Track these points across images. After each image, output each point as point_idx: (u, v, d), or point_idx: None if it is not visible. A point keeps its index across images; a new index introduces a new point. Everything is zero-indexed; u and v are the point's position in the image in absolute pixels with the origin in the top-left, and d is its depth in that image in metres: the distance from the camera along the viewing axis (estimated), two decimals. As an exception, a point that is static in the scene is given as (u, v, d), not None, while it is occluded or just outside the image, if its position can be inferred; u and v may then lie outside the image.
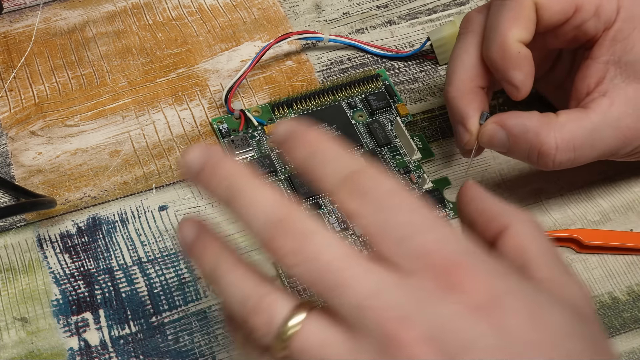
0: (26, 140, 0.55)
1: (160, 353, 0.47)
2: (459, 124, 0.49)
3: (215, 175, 0.35)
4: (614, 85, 0.47)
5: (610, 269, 0.51)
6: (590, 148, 0.47)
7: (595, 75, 0.48)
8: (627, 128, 0.47)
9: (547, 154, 0.47)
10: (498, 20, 0.46)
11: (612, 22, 0.47)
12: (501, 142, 0.48)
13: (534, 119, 0.47)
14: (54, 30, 0.61)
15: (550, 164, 0.47)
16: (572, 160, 0.47)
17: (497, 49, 0.46)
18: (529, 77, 0.47)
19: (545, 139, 0.46)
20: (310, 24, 0.62)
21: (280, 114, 0.57)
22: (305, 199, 0.52)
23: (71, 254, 0.50)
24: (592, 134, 0.47)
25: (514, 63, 0.46)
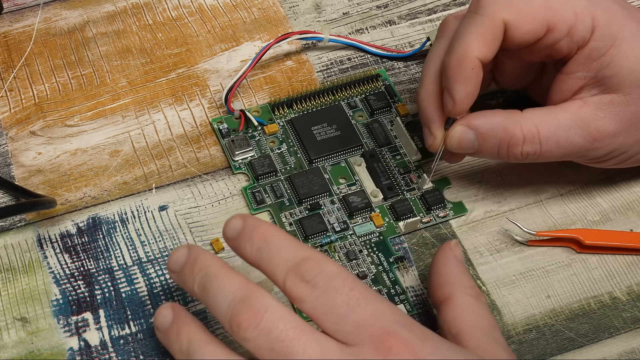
0: (26, 140, 0.55)
1: (160, 353, 0.47)
2: (425, 126, 0.50)
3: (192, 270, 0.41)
4: (591, 94, 0.48)
5: (610, 269, 0.51)
6: (556, 144, 0.48)
7: (571, 89, 0.48)
8: (597, 131, 0.48)
9: (516, 145, 0.48)
10: (465, 32, 0.47)
11: (586, 41, 0.47)
12: (470, 143, 0.49)
13: (500, 116, 0.48)
14: (54, 30, 0.61)
15: (519, 155, 0.48)
16: (538, 153, 0.48)
17: (454, 59, 0.47)
18: (470, 95, 0.47)
19: (513, 131, 0.48)
20: (310, 24, 0.62)
21: (280, 114, 0.57)
22: (305, 199, 0.52)
23: (71, 254, 0.50)
24: (557, 130, 0.48)
25: (463, 77, 0.47)
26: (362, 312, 0.39)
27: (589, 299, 0.50)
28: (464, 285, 0.44)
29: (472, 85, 0.47)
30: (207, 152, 0.55)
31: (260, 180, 0.53)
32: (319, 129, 0.55)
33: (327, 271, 0.40)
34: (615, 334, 0.48)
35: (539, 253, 0.51)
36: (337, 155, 0.55)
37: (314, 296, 0.40)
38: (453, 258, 0.45)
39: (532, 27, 0.46)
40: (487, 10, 0.46)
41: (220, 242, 0.51)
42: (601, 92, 0.48)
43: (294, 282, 0.40)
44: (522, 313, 0.49)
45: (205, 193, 0.53)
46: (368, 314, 0.39)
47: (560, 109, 0.48)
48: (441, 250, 0.46)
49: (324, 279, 0.40)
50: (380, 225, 0.52)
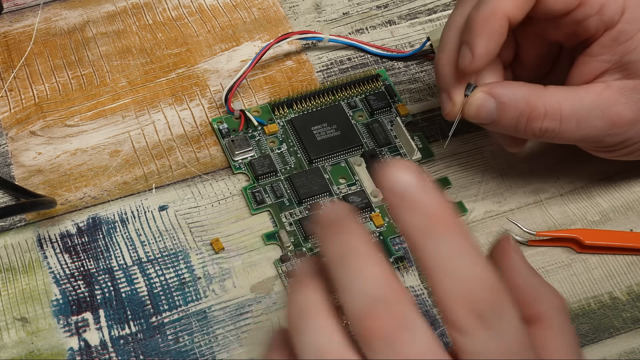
0: (26, 140, 0.55)
1: (160, 353, 0.47)
2: (444, 92, 0.49)
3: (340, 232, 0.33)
4: (614, 78, 0.47)
5: (610, 269, 0.51)
6: (576, 124, 0.47)
7: (592, 72, 0.48)
8: (617, 116, 0.47)
9: (536, 119, 0.47)
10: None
11: (614, 23, 0.46)
12: (489, 112, 0.47)
13: (524, 87, 0.47)
14: (54, 30, 0.61)
15: (537, 131, 0.47)
16: (557, 131, 0.47)
17: (483, 12, 0.45)
18: (490, 54, 0.46)
19: (535, 104, 0.47)
20: (310, 24, 0.62)
21: (280, 114, 0.57)
22: (305, 199, 0.52)
23: (71, 254, 0.50)
24: (579, 110, 0.47)
25: (488, 32, 0.45)
26: None
27: (589, 299, 0.50)
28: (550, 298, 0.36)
29: (495, 43, 0.46)
30: (207, 152, 0.55)
31: (260, 180, 0.53)
32: (319, 129, 0.55)
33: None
34: (615, 334, 0.48)
35: (539, 253, 0.51)
36: (337, 155, 0.55)
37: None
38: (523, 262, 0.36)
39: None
40: None
41: (220, 242, 0.51)
42: (624, 77, 0.47)
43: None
44: (522, 313, 0.49)
45: (205, 193, 0.53)
46: None
47: (583, 90, 0.47)
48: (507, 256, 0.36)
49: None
50: (380, 225, 0.52)
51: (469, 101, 0.47)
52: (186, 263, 0.50)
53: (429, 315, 0.49)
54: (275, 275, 0.50)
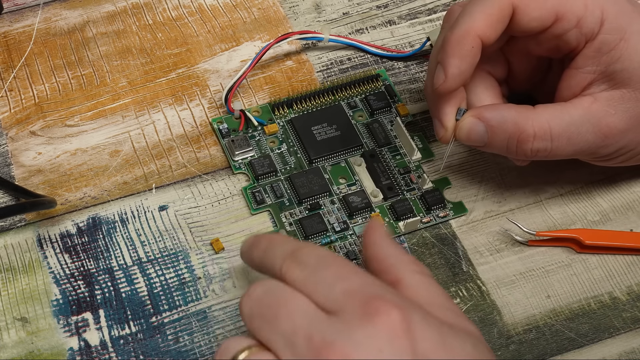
0: (26, 140, 0.55)
1: (160, 353, 0.47)
2: (435, 117, 0.50)
3: None
4: (600, 89, 0.48)
5: (610, 269, 0.51)
6: (567, 141, 0.48)
7: (580, 84, 0.48)
8: (608, 127, 0.47)
9: (526, 141, 0.47)
10: (471, 10, 0.47)
11: (595, 34, 0.47)
12: (479, 136, 0.48)
13: (512, 110, 0.48)
14: (54, 30, 0.61)
15: (528, 152, 0.48)
16: (549, 150, 0.48)
17: (455, 34, 0.46)
18: (463, 74, 0.47)
19: (523, 127, 0.47)
20: (310, 24, 0.62)
21: (280, 114, 0.57)
22: (305, 199, 0.52)
23: (71, 254, 0.50)
24: (569, 127, 0.47)
25: (460, 53, 0.46)
26: (350, 281, 0.38)
27: (589, 299, 0.50)
28: (407, 264, 0.42)
29: (468, 64, 0.47)
30: (207, 152, 0.55)
31: (260, 180, 0.53)
32: (319, 129, 0.55)
33: (318, 253, 0.40)
34: (615, 334, 0.48)
35: (539, 253, 0.51)
36: (337, 155, 0.55)
37: (305, 273, 0.39)
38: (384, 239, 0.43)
39: (540, 14, 0.46)
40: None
41: (220, 242, 0.51)
42: (611, 88, 0.47)
43: (288, 267, 0.40)
44: (522, 313, 0.49)
45: (205, 193, 0.53)
46: (356, 282, 0.38)
47: (571, 105, 0.48)
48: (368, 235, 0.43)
49: (316, 258, 0.40)
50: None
51: (459, 125, 0.49)
52: (186, 263, 0.50)
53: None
54: (275, 275, 0.50)
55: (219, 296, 0.49)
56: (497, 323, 0.48)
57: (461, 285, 0.50)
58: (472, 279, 0.50)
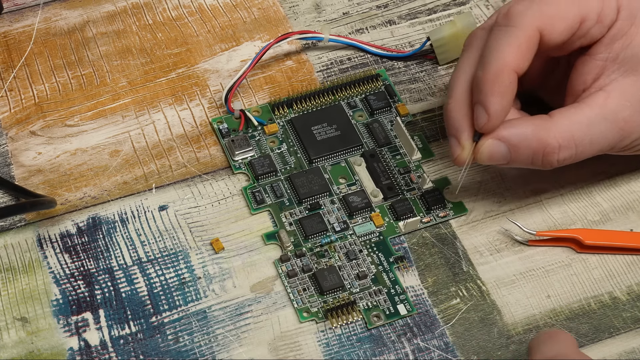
0: (26, 140, 0.55)
1: (160, 353, 0.47)
2: (452, 137, 0.49)
3: None
4: (611, 80, 0.47)
5: (610, 269, 0.51)
6: (589, 143, 0.47)
7: (592, 72, 0.48)
8: (624, 121, 0.47)
9: (552, 153, 0.47)
10: (499, 44, 0.46)
11: (613, 22, 0.47)
12: (502, 156, 0.47)
13: (530, 125, 0.47)
14: (54, 30, 0.61)
15: (555, 163, 0.48)
16: (574, 156, 0.48)
17: (490, 73, 0.46)
18: (505, 109, 0.46)
19: (547, 140, 0.47)
20: (310, 24, 0.62)
21: (280, 114, 0.57)
22: (305, 199, 0.52)
23: (71, 254, 0.50)
24: (589, 129, 0.47)
25: (499, 90, 0.46)
26: None
27: (589, 299, 0.50)
28: None
29: (508, 99, 0.46)
30: (207, 152, 0.55)
31: (260, 180, 0.53)
32: (319, 129, 0.55)
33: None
34: (615, 334, 0.48)
35: (539, 253, 0.51)
36: (337, 155, 0.55)
37: None
38: None
39: (567, 26, 0.46)
40: (520, 21, 0.46)
41: (220, 242, 0.51)
42: (622, 76, 0.47)
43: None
44: (522, 313, 0.49)
45: (205, 193, 0.53)
46: None
47: (586, 106, 0.47)
48: None
49: None
50: (380, 225, 0.52)
51: (479, 149, 0.48)
52: (186, 263, 0.50)
53: (429, 315, 0.49)
54: (275, 275, 0.50)
55: (219, 296, 0.49)
56: (497, 323, 0.48)
57: (461, 285, 0.50)
58: (472, 279, 0.50)
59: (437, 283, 0.50)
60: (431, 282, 0.50)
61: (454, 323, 0.48)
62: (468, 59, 0.49)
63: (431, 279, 0.50)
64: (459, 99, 0.48)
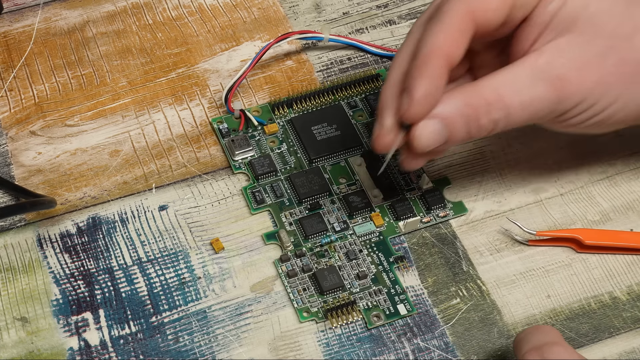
0: (26, 140, 0.55)
1: (160, 353, 0.47)
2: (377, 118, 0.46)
3: None
4: (547, 40, 0.45)
5: (610, 269, 0.51)
6: (520, 105, 0.45)
7: (529, 38, 0.46)
8: (559, 80, 0.45)
9: (483, 115, 0.45)
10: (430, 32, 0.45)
11: None
12: (438, 134, 0.45)
13: (457, 93, 0.45)
14: (54, 30, 0.61)
15: (489, 125, 0.45)
16: (508, 118, 0.45)
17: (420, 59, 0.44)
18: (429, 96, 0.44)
19: (477, 102, 0.44)
20: (310, 24, 0.62)
21: (280, 114, 0.57)
22: (305, 199, 0.52)
23: (71, 254, 0.50)
24: (520, 89, 0.45)
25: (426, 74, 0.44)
26: None
27: (589, 299, 0.50)
28: None
29: (435, 84, 0.44)
30: (207, 152, 0.55)
31: (260, 180, 0.53)
32: (319, 129, 0.55)
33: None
34: (615, 334, 0.48)
35: (539, 253, 0.51)
36: (337, 155, 0.55)
37: None
38: None
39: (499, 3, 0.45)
40: (448, 7, 0.44)
41: (220, 242, 0.51)
42: (557, 36, 0.45)
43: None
44: (522, 313, 0.49)
45: (205, 193, 0.53)
46: None
47: (516, 66, 0.45)
48: None
49: None
50: (380, 225, 0.52)
51: (416, 135, 0.45)
52: (186, 263, 0.50)
53: (429, 315, 0.49)
54: (275, 275, 0.50)
55: (219, 296, 0.49)
56: (497, 323, 0.48)
57: (461, 285, 0.50)
58: (472, 279, 0.50)
59: (437, 283, 0.50)
60: (431, 282, 0.50)
61: (454, 323, 0.49)
62: (406, 47, 0.47)
63: (431, 279, 0.50)
64: (391, 81, 0.46)
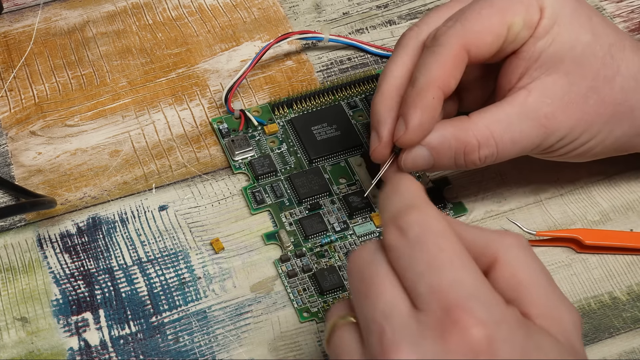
0: (26, 140, 0.55)
1: (160, 353, 0.47)
2: (374, 130, 0.49)
3: None
4: (533, 78, 0.47)
5: (610, 269, 0.51)
6: (510, 141, 0.47)
7: (517, 71, 0.48)
8: (546, 118, 0.47)
9: (472, 152, 0.47)
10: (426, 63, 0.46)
11: (538, 21, 0.47)
12: (424, 160, 0.47)
13: (449, 126, 0.47)
14: (54, 30, 0.61)
15: (477, 161, 0.47)
16: (496, 154, 0.47)
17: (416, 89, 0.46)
18: (423, 125, 0.46)
19: (466, 139, 0.47)
20: (310, 24, 0.62)
21: (280, 114, 0.57)
22: (305, 199, 0.52)
23: (71, 254, 0.50)
24: (509, 127, 0.47)
25: (421, 105, 0.46)
26: (441, 276, 0.35)
27: (589, 299, 0.50)
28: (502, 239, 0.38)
29: (429, 115, 0.46)
30: (207, 152, 0.55)
31: (260, 180, 0.53)
32: (319, 129, 0.55)
33: (423, 226, 0.37)
34: (615, 334, 0.48)
35: (539, 253, 0.51)
36: (337, 155, 0.55)
37: (400, 245, 0.37)
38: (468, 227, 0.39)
39: (494, 37, 0.46)
40: (445, 41, 0.46)
41: (220, 242, 0.51)
42: (543, 74, 0.47)
43: (389, 229, 0.38)
44: (522, 313, 0.49)
45: (205, 193, 0.53)
46: (446, 280, 0.35)
47: (507, 104, 0.47)
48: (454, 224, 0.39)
49: (417, 232, 0.37)
50: (380, 225, 0.52)
51: (402, 158, 0.47)
52: (186, 263, 0.50)
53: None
54: (275, 275, 0.50)
55: (219, 296, 0.49)
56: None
57: (461, 285, 0.50)
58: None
59: (437, 283, 0.50)
60: (431, 282, 0.50)
61: (454, 323, 0.48)
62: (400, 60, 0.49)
63: (431, 279, 0.50)
64: (386, 94, 0.48)
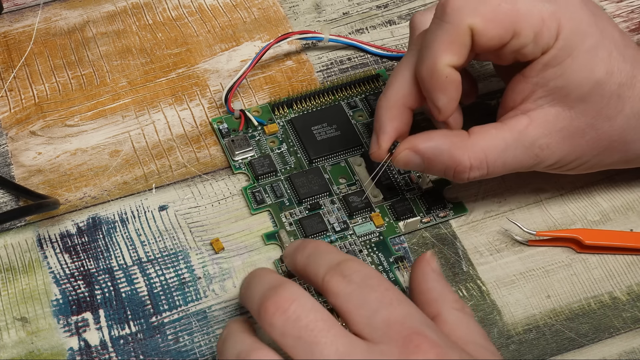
0: (26, 140, 0.55)
1: (160, 353, 0.47)
2: (375, 134, 0.50)
3: None
4: (537, 105, 0.48)
5: (610, 269, 0.51)
6: (502, 165, 0.48)
7: (522, 93, 0.48)
8: (540, 149, 0.48)
9: (462, 172, 0.48)
10: (432, 41, 0.46)
11: (549, 48, 0.46)
12: (416, 165, 0.48)
13: (447, 140, 0.48)
14: (54, 30, 0.61)
15: (465, 180, 0.48)
16: (485, 175, 0.48)
17: (425, 70, 0.47)
18: (452, 101, 0.47)
19: (459, 158, 0.47)
20: (310, 24, 0.62)
21: (280, 114, 0.57)
22: (305, 199, 0.52)
23: (71, 254, 0.51)
24: (504, 153, 0.48)
25: (440, 86, 0.46)
26: (394, 310, 0.40)
27: (589, 299, 0.50)
28: (449, 300, 0.44)
29: (451, 92, 0.47)
30: (207, 152, 0.55)
31: (260, 180, 0.53)
32: (319, 129, 0.55)
33: (365, 271, 0.41)
34: (615, 334, 0.48)
35: (539, 253, 0.51)
36: (337, 155, 0.55)
37: (348, 290, 0.40)
38: (432, 273, 0.45)
39: (498, 33, 0.46)
40: (453, 17, 0.46)
41: (220, 242, 0.51)
42: (548, 104, 0.47)
43: (332, 277, 0.41)
44: (522, 313, 0.49)
45: (205, 193, 0.53)
46: (399, 313, 0.40)
47: (507, 129, 0.48)
48: (418, 265, 0.46)
49: (361, 276, 0.41)
50: (380, 225, 0.52)
51: (395, 157, 0.49)
52: (186, 263, 0.50)
53: (429, 315, 0.49)
54: (275, 275, 0.50)
55: (219, 296, 0.49)
56: (497, 323, 0.48)
57: (461, 285, 0.50)
58: (472, 279, 0.50)
59: (437, 283, 0.50)
60: (431, 282, 0.50)
61: (454, 323, 0.48)
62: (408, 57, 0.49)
63: (431, 279, 0.50)
64: (391, 99, 0.49)
